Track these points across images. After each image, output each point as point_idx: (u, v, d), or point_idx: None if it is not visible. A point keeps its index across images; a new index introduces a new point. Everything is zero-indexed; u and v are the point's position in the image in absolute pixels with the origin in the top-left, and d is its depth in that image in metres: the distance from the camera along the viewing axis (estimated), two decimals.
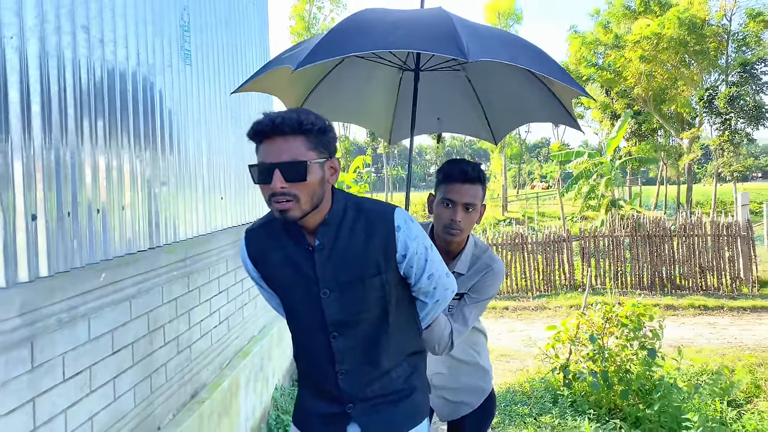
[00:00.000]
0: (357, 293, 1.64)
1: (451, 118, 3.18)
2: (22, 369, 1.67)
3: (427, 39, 1.99)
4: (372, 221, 1.65)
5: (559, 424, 4.86)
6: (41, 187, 1.78)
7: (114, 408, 2.16)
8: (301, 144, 1.50)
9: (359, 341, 1.68)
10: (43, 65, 1.80)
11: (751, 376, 7.06)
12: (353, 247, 1.63)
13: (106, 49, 2.19)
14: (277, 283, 1.72)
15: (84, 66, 2.04)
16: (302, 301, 1.68)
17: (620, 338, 5.62)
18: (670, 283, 11.70)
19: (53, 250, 1.82)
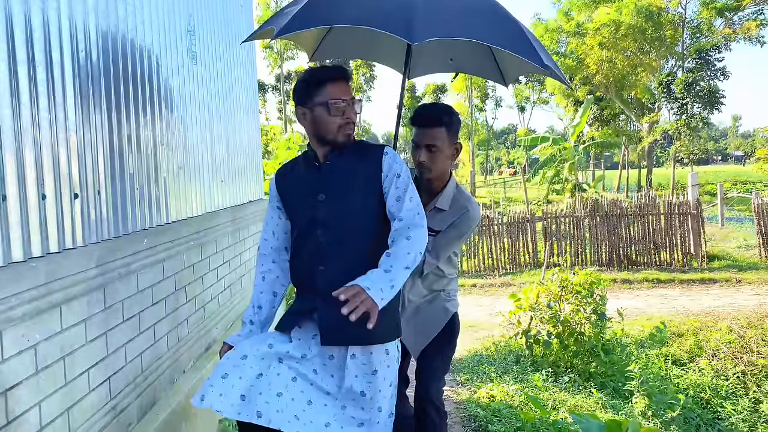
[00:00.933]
0: (345, 200, 2.06)
1: (464, 60, 3.27)
2: (99, 308, 2.17)
3: (380, 14, 2.24)
4: (367, 149, 2.13)
5: (520, 379, 5.48)
6: (102, 168, 2.27)
7: (154, 349, 2.67)
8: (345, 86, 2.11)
9: (340, 241, 2.04)
10: (77, 70, 2.28)
11: (694, 339, 7.82)
12: (350, 165, 2.08)
13: (131, 52, 2.67)
14: (290, 198, 2.17)
15: (120, 68, 2.52)
16: (304, 206, 2.10)
17: (574, 304, 6.28)
18: (627, 260, 12.52)
19: (112, 218, 2.32)
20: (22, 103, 1.78)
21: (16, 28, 1.76)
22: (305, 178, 2.15)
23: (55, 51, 1.96)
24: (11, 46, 1.73)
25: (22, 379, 1.69)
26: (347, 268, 1.98)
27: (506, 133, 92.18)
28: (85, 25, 2.19)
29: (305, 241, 2.11)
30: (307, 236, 2.10)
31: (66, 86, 2.03)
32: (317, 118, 2.07)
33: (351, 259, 2.04)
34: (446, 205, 2.52)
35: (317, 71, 2.06)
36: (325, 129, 2.06)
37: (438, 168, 2.50)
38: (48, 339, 1.83)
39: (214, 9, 3.99)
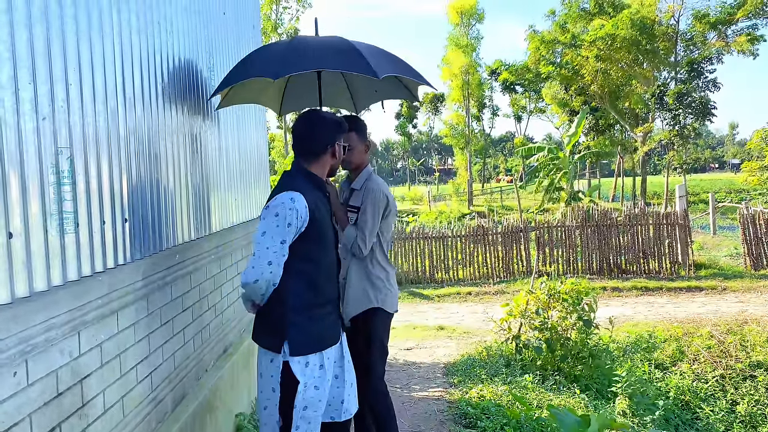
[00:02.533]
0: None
1: (383, 88, 3.81)
2: (144, 314, 2.58)
3: (256, 66, 3.07)
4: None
5: (509, 381, 5.88)
6: (146, 196, 2.69)
7: (184, 350, 3.08)
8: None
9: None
10: (124, 107, 2.70)
11: (677, 344, 8.24)
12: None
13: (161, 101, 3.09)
14: (322, 222, 2.57)
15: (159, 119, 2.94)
16: (328, 230, 2.65)
17: (561, 312, 6.69)
18: (617, 268, 12.94)
19: (151, 238, 2.73)
20: (89, 146, 2.20)
21: (85, 86, 2.18)
22: (324, 204, 2.64)
23: (111, 100, 2.38)
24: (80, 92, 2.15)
25: (92, 371, 2.10)
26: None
27: (504, 141, 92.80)
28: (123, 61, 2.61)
29: (329, 259, 2.65)
30: (330, 254, 2.67)
31: (120, 125, 2.45)
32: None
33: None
34: (358, 185, 3.25)
35: (344, 120, 2.95)
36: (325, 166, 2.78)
37: (355, 159, 3.26)
38: (109, 339, 2.25)
39: (230, 39, 4.41)
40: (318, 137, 2.66)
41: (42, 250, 1.85)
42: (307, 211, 2.47)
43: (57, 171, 1.98)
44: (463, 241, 13.27)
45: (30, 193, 1.80)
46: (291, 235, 2.44)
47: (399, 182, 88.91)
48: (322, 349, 2.52)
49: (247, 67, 3.11)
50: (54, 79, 1.96)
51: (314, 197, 2.55)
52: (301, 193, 2.47)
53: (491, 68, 48.68)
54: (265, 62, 3.02)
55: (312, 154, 2.66)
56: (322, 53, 3.01)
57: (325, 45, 3.09)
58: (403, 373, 6.50)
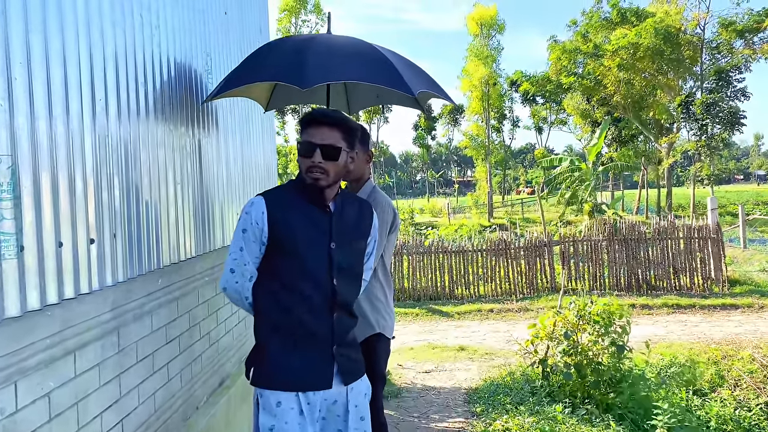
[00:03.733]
0: (353, 249, 2.22)
1: (387, 92, 3.63)
2: (113, 351, 2.20)
3: (277, 68, 2.77)
4: (361, 207, 2.31)
5: (536, 411, 5.41)
6: (118, 211, 2.32)
7: (168, 387, 2.69)
8: (338, 135, 2.10)
9: (348, 288, 2.19)
10: (94, 118, 2.33)
11: (716, 368, 7.67)
12: (352, 218, 2.23)
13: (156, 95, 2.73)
14: (294, 238, 2.09)
15: (135, 112, 2.58)
16: (313, 252, 2.10)
17: (592, 335, 6.20)
18: (646, 284, 12.35)
19: (127, 260, 2.36)
20: (40, 153, 1.83)
21: (36, 82, 1.81)
22: (314, 221, 2.14)
23: (73, 101, 2.02)
24: (31, 99, 1.79)
25: (36, 428, 1.72)
26: (351, 310, 2.23)
27: (524, 153, 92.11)
28: (104, 73, 2.25)
29: (314, 288, 2.10)
30: (318, 282, 2.11)
31: (86, 130, 2.09)
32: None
33: (352, 302, 2.25)
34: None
35: (313, 111, 2.19)
36: (300, 168, 2.15)
37: (355, 171, 2.85)
38: (62, 386, 1.86)
39: (232, 41, 4.07)
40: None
41: None
42: (265, 219, 2.08)
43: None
44: (484, 255, 12.79)
45: None
46: (250, 244, 2.10)
47: (418, 194, 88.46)
48: (297, 390, 2.06)
49: (263, 68, 2.85)
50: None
51: (288, 206, 2.12)
52: (264, 198, 2.13)
53: (511, 79, 48.21)
54: (287, 66, 2.71)
55: None
56: (352, 61, 2.80)
57: (353, 51, 2.86)
58: (421, 399, 6.06)
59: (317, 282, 2.11)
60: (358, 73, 2.77)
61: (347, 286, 2.19)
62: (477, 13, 38.87)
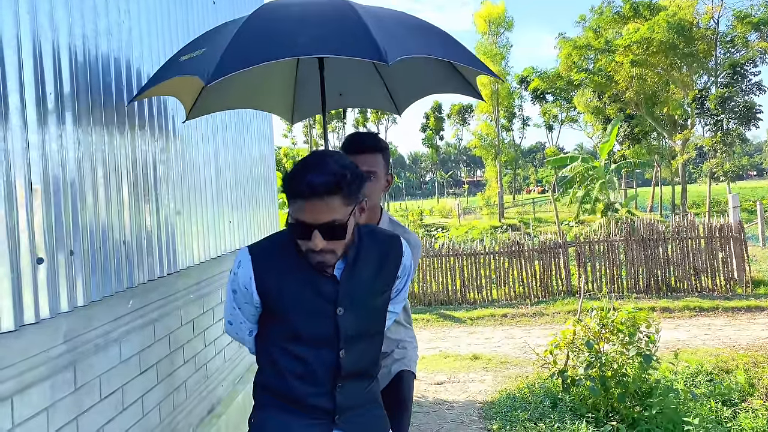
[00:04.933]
0: (368, 309, 1.78)
1: (354, 93, 3.16)
2: (68, 390, 1.85)
3: (340, 40, 1.88)
4: (385, 249, 1.82)
5: (558, 428, 5.03)
6: (77, 223, 1.97)
7: (143, 424, 2.34)
8: (338, 202, 1.56)
9: (362, 355, 1.79)
10: (60, 101, 1.99)
11: (746, 376, 7.25)
12: (369, 267, 1.76)
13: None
14: (288, 303, 1.71)
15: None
16: (313, 321, 1.71)
17: (616, 344, 5.81)
18: (666, 286, 11.91)
19: (90, 281, 2.01)
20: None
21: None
22: (314, 285, 1.71)
23: (12, 95, 1.68)
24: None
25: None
26: (365, 372, 1.84)
27: (534, 152, 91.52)
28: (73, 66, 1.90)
29: (314, 359, 1.72)
30: (319, 354, 1.72)
31: (29, 132, 1.75)
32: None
33: (368, 364, 1.84)
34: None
35: (294, 180, 1.57)
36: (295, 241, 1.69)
37: (372, 198, 2.27)
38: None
39: None
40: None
41: None
42: (253, 286, 1.71)
43: None
44: (497, 257, 12.39)
45: None
46: (243, 305, 1.77)
47: (427, 195, 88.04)
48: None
49: (297, 40, 1.88)
50: None
51: (283, 269, 1.71)
52: (251, 258, 1.72)
53: (521, 76, 47.70)
54: (351, 38, 1.88)
55: None
56: (415, 33, 2.14)
57: (405, 21, 2.21)
58: (433, 415, 5.69)
59: (318, 354, 1.73)
60: (436, 47, 2.14)
61: (359, 353, 1.78)
62: (485, 10, 38.44)
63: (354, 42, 1.84)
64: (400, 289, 1.96)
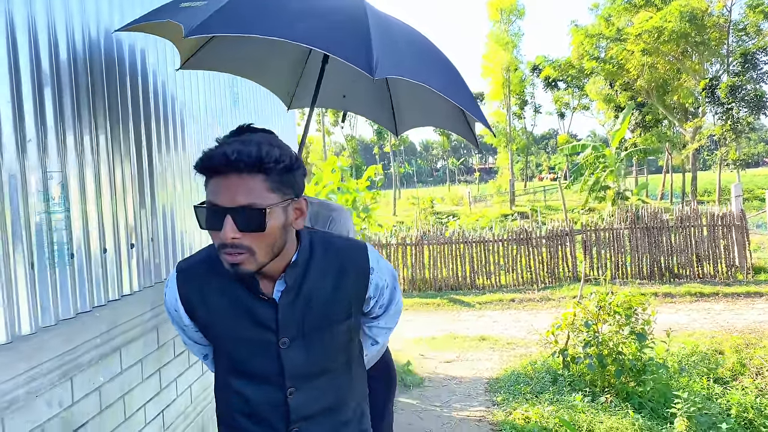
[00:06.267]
0: (323, 340, 1.45)
1: (357, 99, 3.02)
2: (153, 348, 2.37)
3: (336, 39, 1.80)
4: (344, 261, 1.48)
5: (556, 400, 5.52)
6: (157, 216, 2.47)
7: (201, 380, 2.86)
8: (260, 185, 1.25)
9: (320, 395, 1.48)
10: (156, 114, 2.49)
11: (738, 356, 7.68)
12: (322, 289, 1.44)
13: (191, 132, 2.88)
14: (220, 332, 1.44)
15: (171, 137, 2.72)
16: (253, 353, 1.42)
17: (612, 325, 6.27)
18: (669, 272, 12.32)
19: (163, 262, 2.52)
20: (86, 167, 1.98)
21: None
22: (246, 308, 1.40)
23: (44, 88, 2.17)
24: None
25: (88, 419, 1.89)
26: (330, 414, 1.52)
27: (546, 139, 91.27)
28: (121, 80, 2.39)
29: (262, 398, 1.45)
30: (265, 393, 1.45)
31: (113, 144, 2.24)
32: None
33: (333, 406, 1.52)
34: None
35: (207, 153, 1.27)
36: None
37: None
38: (111, 380, 2.03)
39: None
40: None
41: None
42: (181, 308, 1.47)
43: None
44: (505, 244, 12.85)
45: None
46: (184, 327, 1.54)
47: (439, 182, 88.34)
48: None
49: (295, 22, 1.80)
50: None
51: (212, 290, 1.42)
52: (177, 276, 1.46)
53: (533, 64, 47.76)
54: (344, 39, 1.82)
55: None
56: (423, 60, 2.06)
57: (420, 46, 2.13)
58: (443, 388, 6.20)
59: (262, 392, 1.45)
60: (435, 78, 2.02)
61: (317, 392, 1.48)
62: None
63: (349, 45, 1.76)
64: (385, 304, 1.62)
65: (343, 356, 1.52)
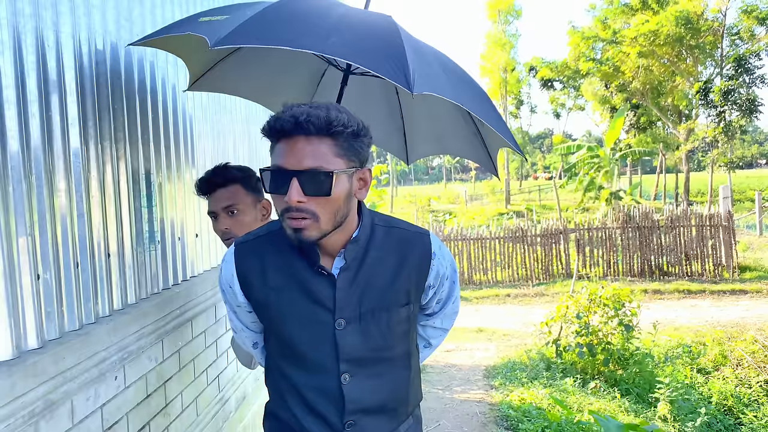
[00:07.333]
0: (380, 325, 1.41)
1: (370, 125, 2.66)
2: (212, 321, 2.81)
3: (372, 55, 1.73)
4: (407, 244, 1.46)
5: (549, 384, 5.98)
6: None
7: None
8: (328, 149, 1.24)
9: (377, 386, 1.43)
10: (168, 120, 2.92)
11: (720, 348, 8.18)
12: (382, 270, 1.41)
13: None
14: (275, 311, 1.40)
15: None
16: (308, 334, 1.38)
17: (602, 317, 6.75)
18: (659, 270, 12.83)
19: (218, 251, 2.96)
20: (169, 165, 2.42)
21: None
22: (304, 285, 1.38)
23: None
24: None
25: (173, 374, 2.34)
26: (386, 412, 1.48)
27: (542, 138, 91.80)
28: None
29: (315, 385, 1.42)
30: (319, 379, 1.41)
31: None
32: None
33: (389, 402, 1.48)
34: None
35: (275, 117, 1.28)
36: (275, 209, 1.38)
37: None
38: (185, 345, 2.48)
39: None
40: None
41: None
42: (237, 284, 1.44)
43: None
44: (502, 242, 13.33)
45: (124, 216, 2.04)
46: (236, 308, 1.52)
47: (434, 180, 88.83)
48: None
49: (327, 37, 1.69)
50: None
51: (270, 265, 1.40)
52: (235, 251, 1.46)
53: (530, 64, 48.28)
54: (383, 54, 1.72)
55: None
56: (453, 80, 1.97)
57: (449, 66, 2.06)
58: (444, 375, 6.66)
59: (315, 379, 1.41)
60: (467, 99, 1.93)
61: (373, 381, 1.44)
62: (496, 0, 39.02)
63: (385, 61, 1.69)
64: (443, 300, 1.58)
65: (401, 346, 1.48)
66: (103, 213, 1.92)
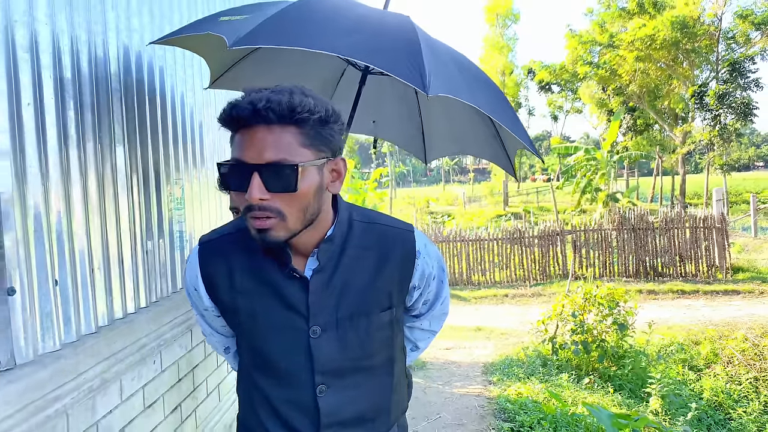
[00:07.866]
0: (359, 332, 1.29)
1: (388, 125, 2.93)
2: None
3: (389, 56, 1.73)
4: (388, 241, 1.32)
5: (546, 380, 6.21)
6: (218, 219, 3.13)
7: None
8: (292, 139, 1.10)
9: (355, 397, 1.31)
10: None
11: (711, 347, 8.41)
12: (361, 271, 1.28)
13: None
14: (244, 315, 1.27)
15: None
16: (280, 343, 1.25)
17: (597, 315, 6.97)
18: (653, 271, 13.07)
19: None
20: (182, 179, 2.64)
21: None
22: (274, 289, 1.24)
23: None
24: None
25: (199, 362, 2.56)
26: (366, 425, 1.35)
27: (540, 140, 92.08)
28: None
29: (288, 398, 1.29)
30: (293, 391, 1.29)
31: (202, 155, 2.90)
32: None
33: (371, 414, 1.36)
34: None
35: (233, 104, 1.11)
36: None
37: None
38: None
39: None
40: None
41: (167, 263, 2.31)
42: (202, 287, 1.31)
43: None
44: (500, 243, 13.56)
45: (165, 214, 2.27)
46: (203, 311, 1.38)
47: (433, 182, 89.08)
48: None
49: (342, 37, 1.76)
50: None
51: (237, 266, 1.26)
52: (199, 251, 1.31)
53: (528, 68, 48.58)
54: (397, 55, 1.76)
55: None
56: (472, 82, 2.00)
57: (467, 66, 2.10)
58: (444, 371, 6.88)
59: (292, 393, 1.29)
60: (484, 101, 1.95)
61: (351, 392, 1.31)
62: (493, 3, 39.32)
63: (401, 62, 1.69)
64: (431, 301, 1.46)
65: (383, 354, 1.35)
66: (149, 214, 2.15)
